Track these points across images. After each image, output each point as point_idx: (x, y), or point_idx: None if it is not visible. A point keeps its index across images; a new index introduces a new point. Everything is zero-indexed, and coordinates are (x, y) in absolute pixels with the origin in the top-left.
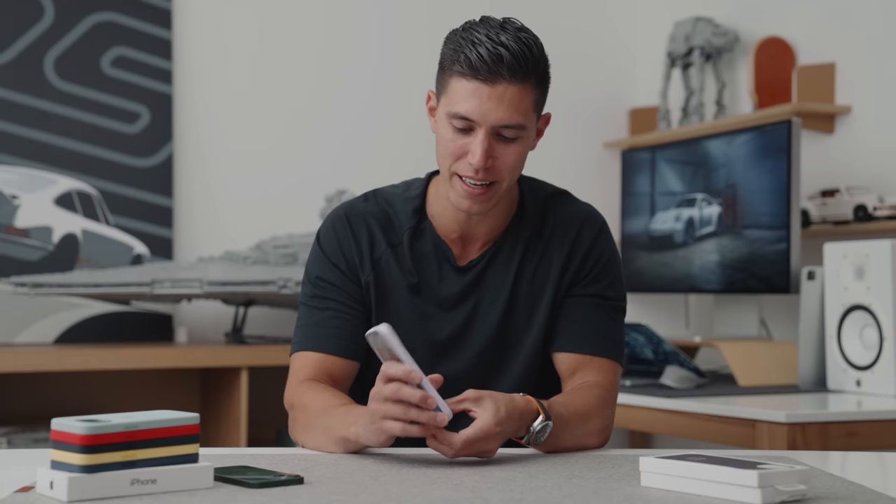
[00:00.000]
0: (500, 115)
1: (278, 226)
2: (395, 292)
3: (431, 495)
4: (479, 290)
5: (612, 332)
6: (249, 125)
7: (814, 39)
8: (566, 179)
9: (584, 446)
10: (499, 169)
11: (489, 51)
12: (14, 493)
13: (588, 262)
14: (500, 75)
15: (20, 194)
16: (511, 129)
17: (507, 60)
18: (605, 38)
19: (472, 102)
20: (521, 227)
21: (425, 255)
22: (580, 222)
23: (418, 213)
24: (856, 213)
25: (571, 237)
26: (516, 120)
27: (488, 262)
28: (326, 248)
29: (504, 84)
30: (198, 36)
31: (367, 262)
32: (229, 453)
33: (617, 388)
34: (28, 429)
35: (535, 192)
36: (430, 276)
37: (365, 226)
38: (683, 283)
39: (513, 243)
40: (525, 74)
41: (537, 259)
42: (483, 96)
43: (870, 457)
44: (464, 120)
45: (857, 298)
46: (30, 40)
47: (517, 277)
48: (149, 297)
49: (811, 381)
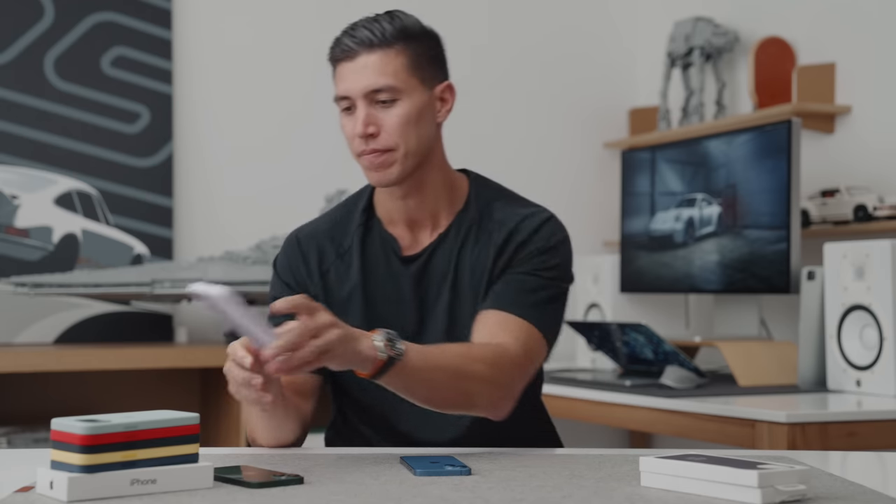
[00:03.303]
0: (366, 81)
1: (278, 226)
2: (345, 299)
3: (431, 495)
4: (424, 281)
5: (542, 302)
6: (249, 125)
7: (814, 39)
8: (566, 179)
9: (468, 404)
10: (387, 134)
11: (346, 33)
12: (14, 493)
13: (526, 247)
14: (357, 49)
15: (20, 194)
16: (382, 91)
17: (360, 35)
18: (605, 39)
19: (344, 82)
20: (464, 219)
21: (374, 252)
22: (524, 216)
23: (366, 211)
24: (856, 213)
25: (510, 228)
26: (383, 82)
27: (432, 252)
28: (279, 270)
29: (364, 55)
30: (198, 36)
31: (315, 275)
32: (229, 453)
33: (533, 359)
34: (28, 429)
35: (486, 190)
36: (380, 273)
37: (314, 243)
38: (683, 283)
39: (456, 234)
40: (383, 41)
41: (476, 249)
42: (347, 72)
43: (870, 457)
44: (344, 100)
45: (857, 298)
46: (30, 40)
47: (458, 266)
48: (149, 297)
49: (811, 381)
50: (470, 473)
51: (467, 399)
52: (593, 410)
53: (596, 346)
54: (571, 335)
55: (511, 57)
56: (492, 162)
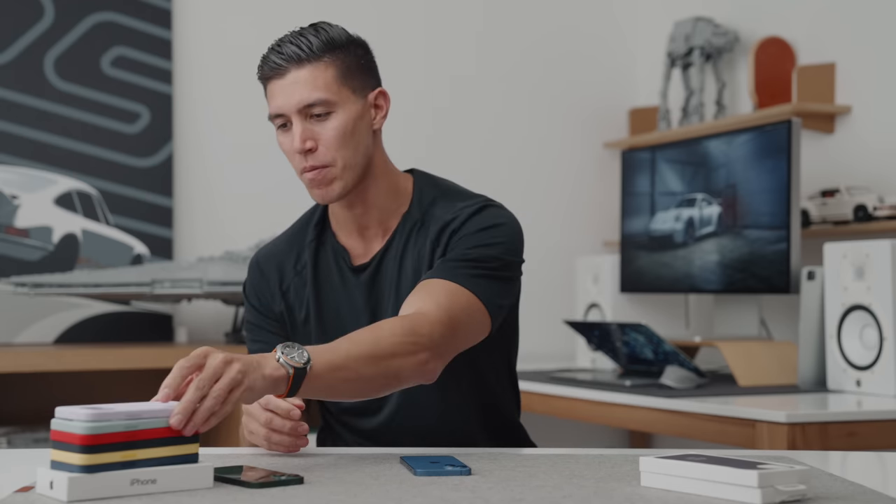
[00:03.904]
0: (298, 97)
1: (278, 225)
2: (303, 316)
3: (431, 495)
4: (375, 287)
5: (475, 273)
6: (249, 125)
7: (814, 39)
8: (566, 179)
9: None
10: (325, 149)
11: (272, 50)
12: (14, 493)
13: (459, 233)
14: (286, 66)
15: (20, 194)
16: (316, 105)
17: (287, 51)
18: (606, 39)
19: (276, 99)
20: (408, 220)
21: (326, 265)
22: (461, 208)
23: (319, 225)
24: (856, 213)
25: (445, 220)
26: (316, 96)
27: (380, 259)
28: (248, 294)
29: (293, 71)
30: (198, 36)
31: (276, 295)
32: (229, 453)
33: (458, 316)
34: (28, 429)
35: (430, 189)
36: (332, 286)
37: (274, 263)
38: (683, 283)
39: (401, 237)
40: (311, 55)
41: (417, 248)
42: (280, 90)
43: (870, 457)
44: (278, 118)
45: (857, 298)
46: (30, 40)
47: (401, 268)
48: (149, 297)
49: (811, 381)
50: (470, 473)
51: (394, 376)
52: (593, 410)
53: (596, 346)
54: (571, 335)
55: (511, 57)
56: (492, 162)
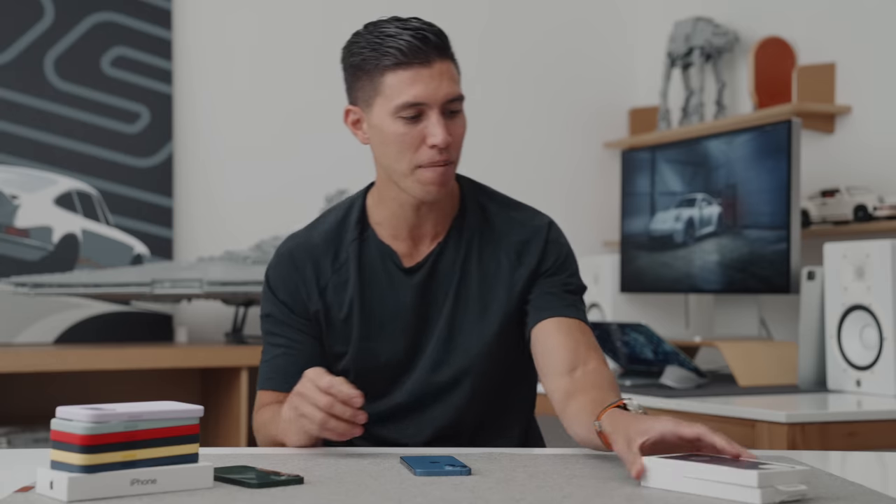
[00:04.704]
0: (446, 89)
1: (278, 226)
2: (344, 314)
3: (431, 495)
4: (428, 289)
5: (581, 303)
6: (249, 125)
7: (814, 39)
8: (566, 179)
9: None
10: (455, 145)
11: (413, 36)
12: (14, 493)
13: (546, 260)
14: (432, 55)
15: (20, 194)
16: (456, 101)
17: (433, 40)
18: (605, 38)
19: (418, 87)
20: (463, 226)
21: (372, 263)
22: (527, 224)
23: (360, 223)
24: (856, 213)
25: (520, 238)
26: (458, 92)
27: (434, 261)
28: (273, 285)
29: (438, 62)
30: (198, 36)
31: (314, 292)
32: (229, 453)
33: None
34: (28, 429)
35: (476, 193)
36: (380, 283)
37: (309, 257)
38: (683, 283)
39: (457, 241)
40: (447, 50)
41: (484, 259)
42: (425, 78)
43: (870, 457)
44: (414, 107)
45: (857, 298)
46: (30, 40)
47: (463, 275)
48: (149, 297)
49: (811, 381)
50: (470, 473)
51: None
52: None
53: None
54: None
55: (511, 57)
56: (492, 162)
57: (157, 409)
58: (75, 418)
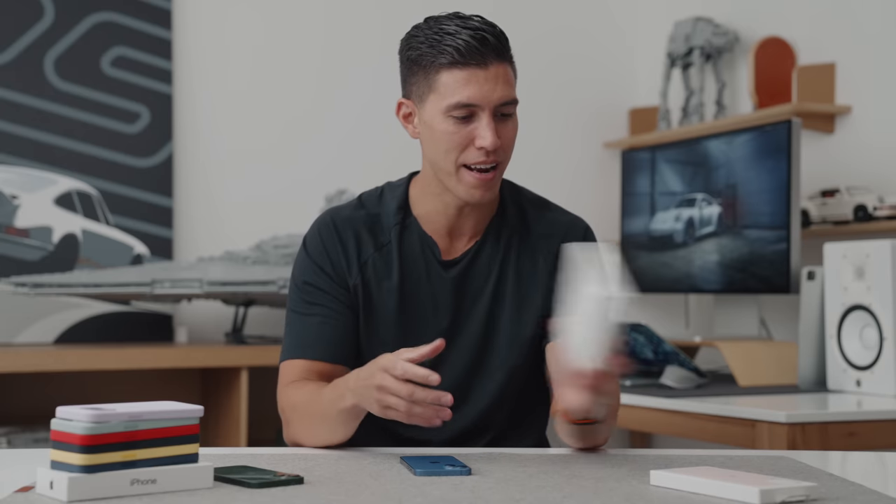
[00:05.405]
0: (500, 93)
1: (278, 226)
2: (383, 294)
3: (431, 495)
4: (464, 284)
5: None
6: (249, 125)
7: (814, 39)
8: (566, 179)
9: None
10: (504, 149)
11: (472, 36)
12: (14, 493)
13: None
14: (489, 56)
15: (20, 194)
16: (509, 105)
17: (491, 42)
18: (606, 38)
19: (472, 88)
20: (501, 226)
21: (412, 251)
22: (565, 227)
23: (403, 209)
24: (856, 213)
25: (558, 241)
26: (512, 96)
27: (473, 257)
28: (313, 252)
29: (494, 64)
30: (198, 36)
31: (354, 265)
32: (229, 453)
33: None
34: (28, 429)
35: (515, 194)
36: (418, 273)
37: (352, 230)
38: (683, 283)
39: (495, 241)
40: (506, 52)
41: (521, 258)
42: (480, 80)
43: (870, 457)
44: (466, 107)
45: (857, 298)
46: (30, 40)
47: (501, 274)
48: (149, 297)
49: (811, 381)
50: (470, 473)
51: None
52: None
53: None
54: None
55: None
56: None
57: (157, 409)
58: (75, 418)
